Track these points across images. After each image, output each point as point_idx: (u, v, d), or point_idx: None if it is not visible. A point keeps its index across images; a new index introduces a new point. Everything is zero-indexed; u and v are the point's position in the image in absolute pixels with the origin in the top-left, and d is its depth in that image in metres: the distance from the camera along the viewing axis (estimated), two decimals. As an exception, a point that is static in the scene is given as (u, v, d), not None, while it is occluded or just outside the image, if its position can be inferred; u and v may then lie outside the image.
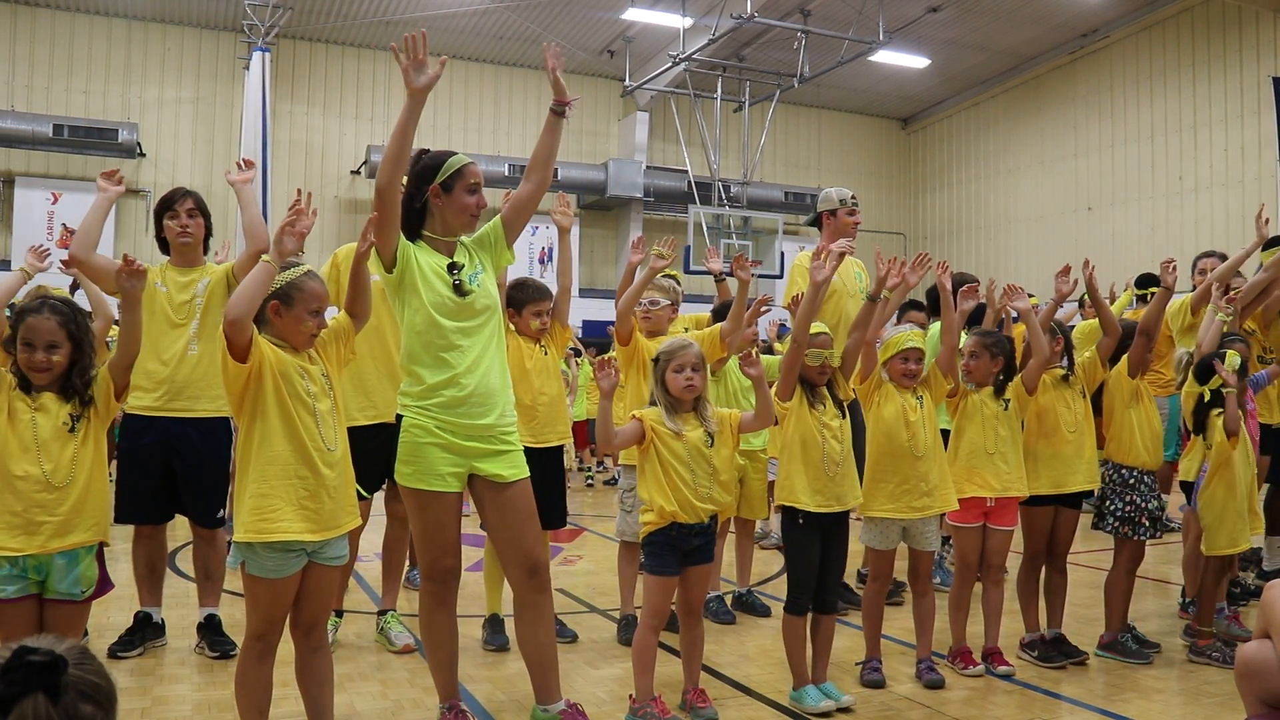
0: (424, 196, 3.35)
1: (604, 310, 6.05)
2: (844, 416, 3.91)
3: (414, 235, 3.37)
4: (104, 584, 3.15)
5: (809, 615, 3.87)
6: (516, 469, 3.38)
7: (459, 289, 3.29)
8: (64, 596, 3.02)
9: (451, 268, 3.33)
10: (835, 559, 3.90)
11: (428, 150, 3.43)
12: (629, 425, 3.64)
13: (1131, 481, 4.52)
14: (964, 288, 4.64)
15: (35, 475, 2.97)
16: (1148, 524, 4.49)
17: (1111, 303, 8.57)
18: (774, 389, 3.92)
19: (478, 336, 3.32)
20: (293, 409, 2.91)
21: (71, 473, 3.02)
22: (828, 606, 3.90)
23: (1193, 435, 4.72)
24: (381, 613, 4.68)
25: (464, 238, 3.47)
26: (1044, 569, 4.56)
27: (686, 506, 3.53)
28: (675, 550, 3.58)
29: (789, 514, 3.84)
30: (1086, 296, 9.12)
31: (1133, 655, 4.43)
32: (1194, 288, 5.80)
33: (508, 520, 3.37)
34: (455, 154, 3.41)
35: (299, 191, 3.27)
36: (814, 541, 3.83)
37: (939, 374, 4.19)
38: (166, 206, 4.42)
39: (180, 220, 4.38)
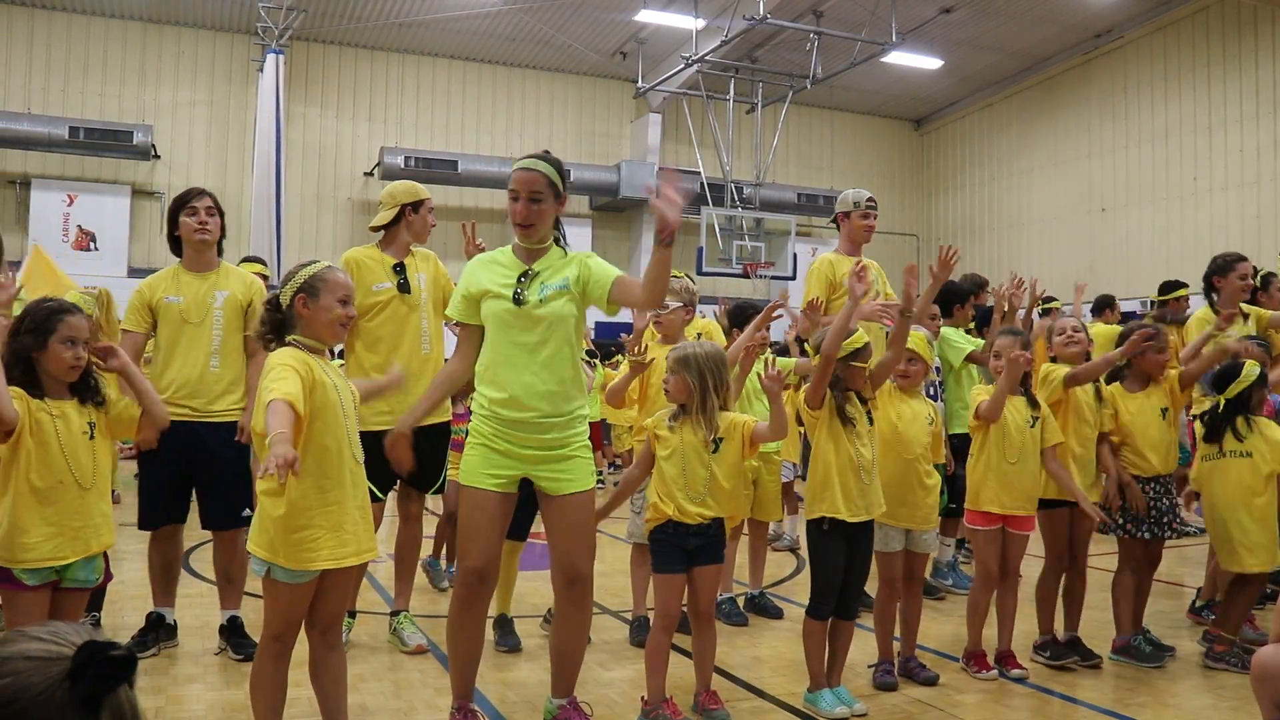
0: None
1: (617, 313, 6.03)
2: (872, 424, 3.89)
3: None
4: (105, 573, 3.29)
5: (830, 620, 3.87)
6: (575, 480, 3.38)
7: (517, 298, 3.32)
8: (79, 584, 3.15)
9: (522, 275, 3.36)
10: (859, 566, 3.88)
11: None
12: (642, 448, 3.78)
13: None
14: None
15: (69, 482, 3.06)
16: (1120, 520, 4.53)
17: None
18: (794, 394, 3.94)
19: (539, 352, 3.30)
20: (338, 420, 2.94)
21: (94, 477, 3.15)
22: (849, 612, 3.89)
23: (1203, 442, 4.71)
24: (394, 613, 4.68)
25: (581, 254, 3.43)
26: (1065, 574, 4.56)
27: (679, 507, 3.56)
28: (678, 548, 3.59)
29: (815, 519, 3.82)
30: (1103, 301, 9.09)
31: (1146, 659, 4.41)
32: (1207, 295, 5.74)
33: (556, 528, 3.41)
34: None
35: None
36: (840, 548, 3.80)
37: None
38: (183, 204, 4.40)
39: (199, 217, 4.37)
